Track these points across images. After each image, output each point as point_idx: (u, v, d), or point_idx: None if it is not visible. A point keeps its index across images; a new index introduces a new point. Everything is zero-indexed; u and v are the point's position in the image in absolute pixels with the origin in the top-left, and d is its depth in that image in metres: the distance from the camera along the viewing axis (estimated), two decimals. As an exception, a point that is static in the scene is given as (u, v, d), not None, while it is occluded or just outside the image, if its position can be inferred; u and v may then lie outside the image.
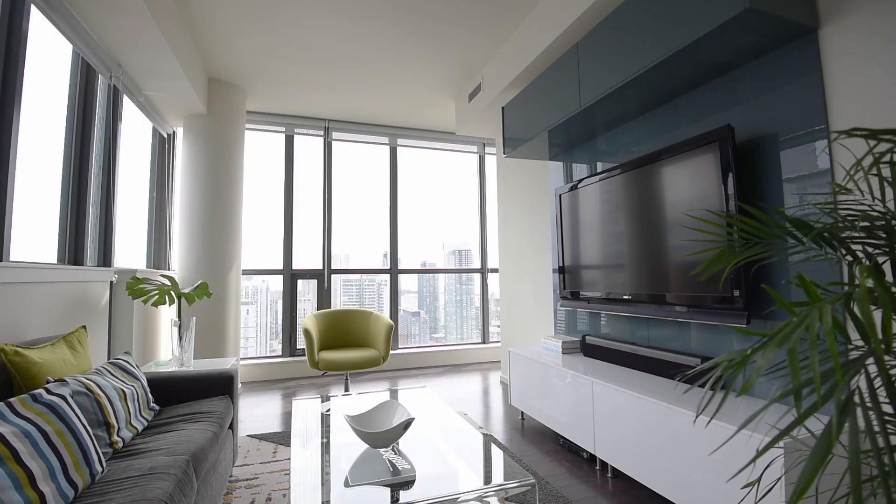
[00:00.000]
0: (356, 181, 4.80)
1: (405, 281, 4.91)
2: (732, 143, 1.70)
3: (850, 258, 1.04)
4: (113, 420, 1.50)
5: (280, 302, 4.51)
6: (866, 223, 1.02)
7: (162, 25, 2.46)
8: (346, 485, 1.39)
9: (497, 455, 1.57)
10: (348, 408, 2.08)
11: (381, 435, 1.48)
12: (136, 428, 1.63)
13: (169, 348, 3.52)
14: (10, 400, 1.14)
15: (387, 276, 4.81)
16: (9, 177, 1.88)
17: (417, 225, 4.95)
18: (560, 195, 2.90)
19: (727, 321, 1.73)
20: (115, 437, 1.49)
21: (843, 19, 1.47)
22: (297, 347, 4.35)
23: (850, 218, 1.05)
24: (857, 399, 0.68)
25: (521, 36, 2.94)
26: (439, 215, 5.15)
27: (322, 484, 1.38)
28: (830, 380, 0.72)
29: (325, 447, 1.65)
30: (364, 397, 2.25)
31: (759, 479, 1.13)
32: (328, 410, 2.04)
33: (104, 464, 1.30)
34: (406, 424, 1.51)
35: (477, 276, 5.22)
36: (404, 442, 1.64)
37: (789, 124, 1.64)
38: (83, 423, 1.27)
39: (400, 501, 1.27)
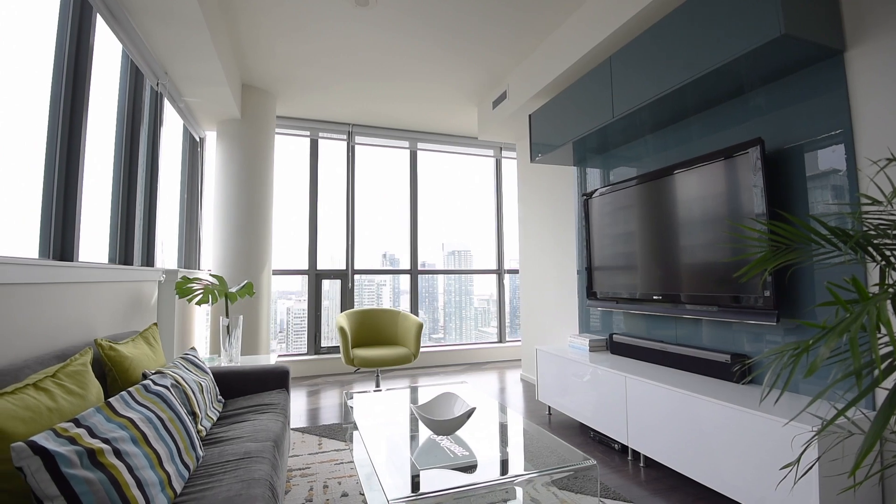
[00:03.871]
0: (371, 183, 4.92)
1: (403, 281, 5.01)
2: (763, 154, 1.84)
3: (883, 262, 1.19)
4: (198, 410, 1.62)
5: (280, 302, 4.62)
6: (897, 231, 1.17)
7: (213, 35, 2.58)
8: (413, 469, 1.52)
9: (551, 440, 1.70)
10: (397, 401, 2.20)
11: (447, 423, 1.61)
12: (211, 418, 1.75)
13: (201, 345, 3.64)
14: (129, 390, 1.26)
15: (385, 277, 4.99)
16: (78, 182, 1.99)
17: (421, 226, 5.05)
18: (586, 199, 3.03)
19: (757, 320, 1.87)
20: (200, 426, 1.61)
21: (868, 43, 1.61)
22: (322, 346, 4.46)
23: (881, 227, 1.20)
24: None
25: (549, 48, 3.07)
26: (445, 217, 5.25)
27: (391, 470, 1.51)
28: (886, 362, 0.87)
29: (382, 436, 1.78)
30: (401, 392, 2.37)
31: (797, 461, 1.27)
32: (352, 406, 2.15)
33: (202, 449, 1.42)
34: (468, 414, 1.63)
35: (476, 277, 5.38)
36: (459, 431, 1.76)
37: (813, 137, 1.79)
38: (184, 411, 1.39)
39: (467, 483, 1.39)
